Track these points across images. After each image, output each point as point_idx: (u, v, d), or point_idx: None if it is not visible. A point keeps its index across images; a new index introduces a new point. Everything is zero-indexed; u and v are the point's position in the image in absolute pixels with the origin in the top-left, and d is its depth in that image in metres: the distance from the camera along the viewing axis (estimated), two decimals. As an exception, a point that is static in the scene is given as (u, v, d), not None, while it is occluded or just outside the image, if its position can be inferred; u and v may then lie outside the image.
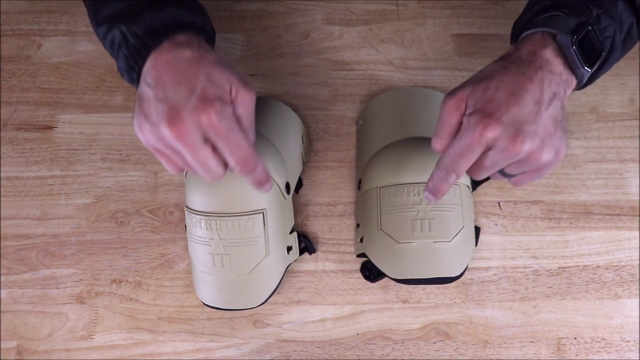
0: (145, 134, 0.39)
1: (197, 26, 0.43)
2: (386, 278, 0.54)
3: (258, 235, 0.50)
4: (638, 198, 0.60)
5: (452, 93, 0.40)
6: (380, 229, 0.53)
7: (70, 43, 0.66)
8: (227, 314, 0.56)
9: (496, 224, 0.59)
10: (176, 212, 0.59)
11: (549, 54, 0.39)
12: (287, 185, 0.54)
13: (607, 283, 0.57)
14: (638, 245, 0.59)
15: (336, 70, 0.66)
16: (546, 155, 0.38)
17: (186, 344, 0.55)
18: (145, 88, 0.39)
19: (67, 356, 0.55)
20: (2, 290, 0.57)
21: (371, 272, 0.56)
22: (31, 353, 0.55)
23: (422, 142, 0.54)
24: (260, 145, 0.51)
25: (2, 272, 0.57)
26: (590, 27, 0.40)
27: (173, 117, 0.37)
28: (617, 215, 0.60)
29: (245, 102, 0.39)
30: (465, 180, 0.55)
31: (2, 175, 0.61)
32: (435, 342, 0.55)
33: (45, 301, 0.56)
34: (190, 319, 0.56)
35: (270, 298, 0.53)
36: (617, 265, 0.58)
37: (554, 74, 0.39)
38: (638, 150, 0.62)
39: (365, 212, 0.56)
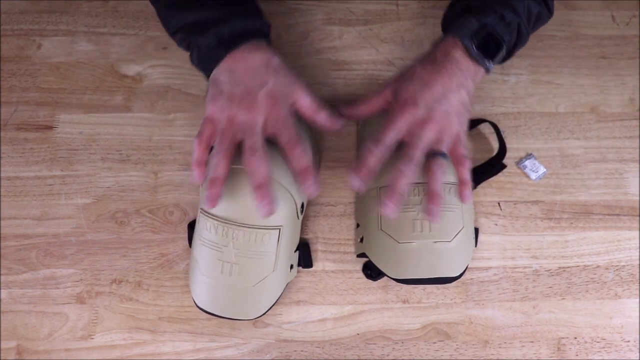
0: (215, 105, 0.47)
1: (260, 31, 0.51)
2: (386, 277, 0.54)
3: (270, 250, 0.51)
4: (638, 198, 0.60)
5: (384, 85, 0.53)
6: (381, 229, 0.53)
7: (70, 43, 0.66)
8: (227, 314, 0.56)
9: (496, 224, 0.59)
10: (176, 212, 0.59)
11: (458, 54, 0.50)
12: (302, 205, 0.55)
13: (607, 283, 0.57)
14: (638, 245, 0.59)
15: (336, 70, 0.66)
16: (455, 124, 0.50)
17: (186, 344, 0.55)
18: (221, 75, 0.48)
19: (67, 356, 0.55)
20: (2, 290, 0.57)
21: (372, 271, 0.56)
22: (31, 353, 0.55)
23: None
24: (284, 162, 0.51)
25: (2, 272, 0.57)
26: (491, 27, 0.50)
27: (250, 100, 0.46)
28: (617, 215, 0.60)
29: (307, 93, 0.50)
30: None
31: (2, 175, 0.61)
32: (435, 342, 0.55)
33: (45, 301, 0.56)
34: (190, 319, 0.56)
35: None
36: (617, 265, 0.58)
37: (461, 70, 0.50)
38: (638, 150, 0.62)
39: (365, 212, 0.56)
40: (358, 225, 0.58)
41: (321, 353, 0.55)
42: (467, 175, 0.52)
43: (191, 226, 0.57)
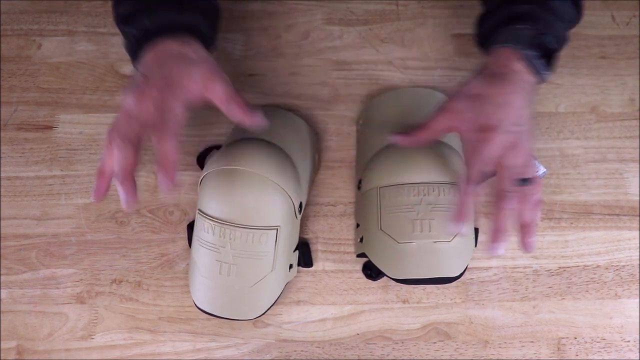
0: (123, 93, 0.44)
1: (190, 26, 0.48)
2: (386, 277, 0.54)
3: (268, 250, 0.51)
4: (638, 198, 0.60)
5: (442, 106, 0.49)
6: (381, 229, 0.53)
7: (70, 43, 0.66)
8: (227, 314, 0.56)
9: (496, 224, 0.59)
10: (176, 212, 0.59)
11: (518, 66, 0.47)
12: (301, 205, 0.55)
13: (607, 283, 0.57)
14: (638, 245, 0.59)
15: (336, 70, 0.66)
16: (530, 146, 0.47)
17: (186, 344, 0.55)
18: (138, 66, 0.46)
19: (67, 356, 0.55)
20: (2, 290, 0.57)
21: (372, 271, 0.56)
22: (31, 353, 0.55)
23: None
24: (282, 162, 0.52)
25: (2, 272, 0.57)
26: (544, 34, 0.47)
27: (139, 88, 0.43)
28: (617, 215, 0.60)
29: (221, 84, 0.45)
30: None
31: (2, 175, 0.61)
32: (435, 342, 0.55)
33: (45, 301, 0.56)
34: (190, 319, 0.56)
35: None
36: (617, 265, 0.58)
37: (524, 83, 0.47)
38: (638, 150, 0.62)
39: (365, 212, 0.56)
40: (358, 225, 0.58)
41: (321, 353, 0.55)
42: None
43: (191, 227, 0.57)
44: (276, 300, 0.53)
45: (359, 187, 0.58)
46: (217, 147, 0.59)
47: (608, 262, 0.58)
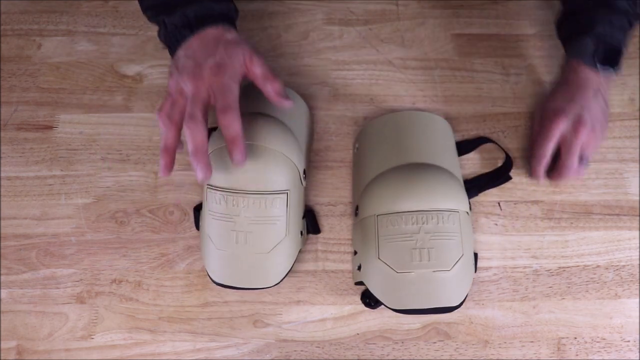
0: (171, 80, 0.49)
1: (226, 15, 0.53)
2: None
3: (281, 214, 0.52)
4: (638, 198, 0.60)
5: (535, 127, 0.61)
6: (379, 258, 0.52)
7: (70, 43, 0.66)
8: (228, 314, 0.56)
9: (496, 224, 0.59)
10: (176, 212, 0.59)
11: (585, 72, 0.56)
12: (304, 172, 0.56)
13: (607, 283, 0.57)
14: (638, 245, 0.59)
15: (336, 70, 0.66)
16: (599, 132, 0.57)
17: (186, 343, 0.55)
18: (180, 52, 0.50)
19: (67, 356, 0.55)
20: (2, 290, 0.57)
21: (371, 299, 0.54)
22: (31, 353, 0.55)
23: (419, 169, 0.54)
24: (283, 133, 0.54)
25: (2, 272, 0.57)
26: (606, 37, 0.55)
27: (195, 72, 0.48)
28: (617, 215, 0.60)
29: (259, 64, 0.50)
30: (464, 207, 0.54)
31: (2, 175, 0.61)
32: (435, 342, 0.55)
33: (45, 301, 0.56)
34: (190, 319, 0.56)
35: (273, 294, 0.53)
36: (617, 265, 0.58)
37: (593, 81, 0.56)
38: (638, 150, 0.62)
39: (363, 240, 0.55)
40: (356, 253, 0.56)
41: (321, 353, 0.55)
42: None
43: (197, 209, 0.57)
44: (291, 268, 0.54)
45: (355, 214, 0.57)
46: (215, 129, 0.59)
47: (608, 262, 0.58)
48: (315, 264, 0.58)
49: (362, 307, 0.56)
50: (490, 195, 0.60)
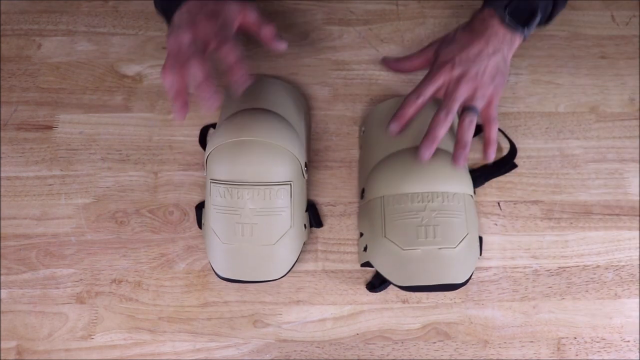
0: (170, 38, 0.50)
1: None
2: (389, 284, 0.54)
3: (285, 206, 0.52)
4: (638, 198, 0.60)
5: (427, 46, 0.61)
6: (385, 237, 0.52)
7: (70, 43, 0.66)
8: (228, 314, 0.56)
9: (496, 224, 0.59)
10: (176, 212, 0.59)
11: (494, 23, 0.55)
12: (306, 165, 0.56)
13: (607, 283, 0.57)
14: (638, 245, 0.59)
15: (336, 70, 0.66)
16: (489, 85, 0.55)
17: (186, 344, 0.55)
18: (176, 15, 0.52)
19: (67, 356, 0.55)
20: (2, 290, 0.57)
21: (376, 281, 0.55)
22: (31, 353, 0.55)
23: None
24: (283, 127, 0.54)
25: (2, 272, 0.57)
26: None
27: (191, 21, 0.50)
28: (617, 215, 0.60)
29: (252, 9, 0.53)
30: (469, 190, 0.54)
31: (2, 175, 0.61)
32: (435, 342, 0.55)
33: (45, 301, 0.56)
34: (190, 319, 0.56)
35: (273, 294, 0.53)
36: (617, 265, 0.58)
37: (497, 36, 0.55)
38: (638, 150, 0.62)
39: (369, 220, 0.55)
40: (362, 235, 0.57)
41: (321, 353, 0.55)
42: (494, 135, 0.57)
43: (199, 207, 0.58)
44: (296, 261, 0.54)
45: (362, 196, 0.58)
46: (213, 126, 0.61)
47: (608, 262, 0.58)
48: (315, 264, 0.58)
49: (362, 307, 0.56)
50: (490, 195, 0.60)
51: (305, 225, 0.56)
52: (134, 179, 0.61)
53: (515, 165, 0.61)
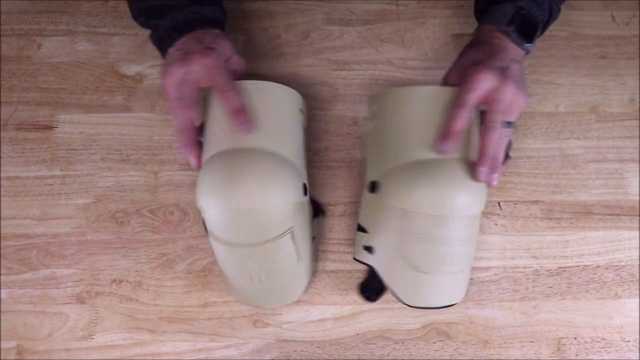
0: (165, 77, 0.50)
1: (214, 19, 0.54)
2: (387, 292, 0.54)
3: (289, 251, 0.50)
4: (638, 198, 0.60)
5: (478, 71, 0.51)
6: (402, 254, 0.50)
7: (70, 43, 0.66)
8: (228, 314, 0.56)
9: (496, 224, 0.59)
10: (176, 212, 0.59)
11: (499, 38, 0.53)
12: (305, 186, 0.51)
13: (607, 283, 0.57)
14: (638, 245, 0.59)
15: (336, 70, 0.66)
16: (523, 93, 0.51)
17: (186, 343, 0.55)
18: (171, 49, 0.52)
19: (67, 356, 0.55)
20: (2, 290, 0.57)
21: (370, 292, 0.55)
22: (31, 353, 0.55)
23: (463, 169, 0.49)
24: (277, 168, 0.48)
25: (2, 272, 0.57)
26: (525, 10, 0.53)
27: (185, 58, 0.49)
28: (617, 215, 0.60)
29: (238, 64, 0.53)
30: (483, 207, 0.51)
31: (2, 175, 0.61)
32: (435, 342, 0.55)
33: (45, 301, 0.56)
34: (190, 319, 0.56)
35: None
36: (617, 265, 0.58)
37: (508, 49, 0.53)
38: (638, 150, 0.62)
39: (381, 224, 0.52)
40: (364, 231, 0.54)
41: (321, 353, 0.55)
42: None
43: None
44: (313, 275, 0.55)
45: (372, 190, 0.53)
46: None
47: (608, 262, 0.58)
48: (314, 263, 0.58)
49: (362, 307, 0.56)
50: (490, 195, 0.60)
51: (314, 237, 0.55)
52: (134, 179, 0.61)
53: (509, 157, 0.56)
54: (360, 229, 0.55)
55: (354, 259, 0.56)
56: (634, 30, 0.68)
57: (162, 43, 0.53)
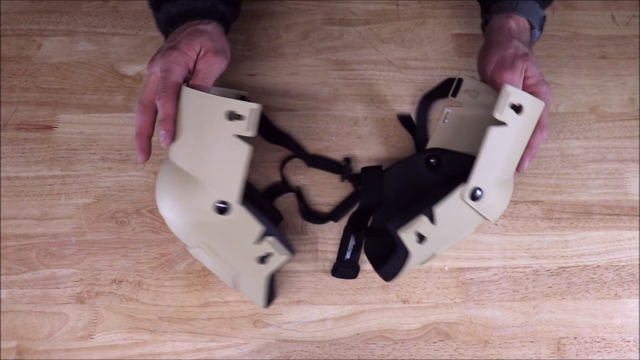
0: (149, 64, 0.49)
1: (210, 11, 0.53)
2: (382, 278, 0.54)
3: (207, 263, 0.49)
4: (638, 198, 0.60)
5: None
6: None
7: (70, 43, 0.66)
8: (228, 314, 0.56)
9: (496, 224, 0.59)
10: (176, 212, 0.59)
11: (510, 24, 0.53)
12: (223, 204, 0.46)
13: (607, 283, 0.57)
14: (638, 245, 0.59)
15: (336, 70, 0.66)
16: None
17: (186, 344, 0.55)
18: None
19: (67, 356, 0.55)
20: (2, 290, 0.57)
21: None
22: (31, 353, 0.55)
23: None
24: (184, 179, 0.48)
25: (2, 272, 0.57)
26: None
27: (153, 60, 0.49)
28: (617, 215, 0.60)
29: (208, 62, 0.49)
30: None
31: (2, 175, 0.61)
32: (435, 342, 0.55)
33: (45, 301, 0.56)
34: (190, 319, 0.56)
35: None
36: (617, 265, 0.58)
37: (525, 40, 0.53)
38: (638, 150, 0.62)
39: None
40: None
41: (321, 353, 0.55)
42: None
43: None
44: (272, 293, 0.52)
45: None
46: None
47: (608, 262, 0.58)
48: (315, 264, 0.58)
49: (362, 307, 0.56)
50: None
51: (265, 255, 0.48)
52: (134, 179, 0.61)
53: None
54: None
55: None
56: (634, 30, 0.68)
57: (163, 34, 0.55)
